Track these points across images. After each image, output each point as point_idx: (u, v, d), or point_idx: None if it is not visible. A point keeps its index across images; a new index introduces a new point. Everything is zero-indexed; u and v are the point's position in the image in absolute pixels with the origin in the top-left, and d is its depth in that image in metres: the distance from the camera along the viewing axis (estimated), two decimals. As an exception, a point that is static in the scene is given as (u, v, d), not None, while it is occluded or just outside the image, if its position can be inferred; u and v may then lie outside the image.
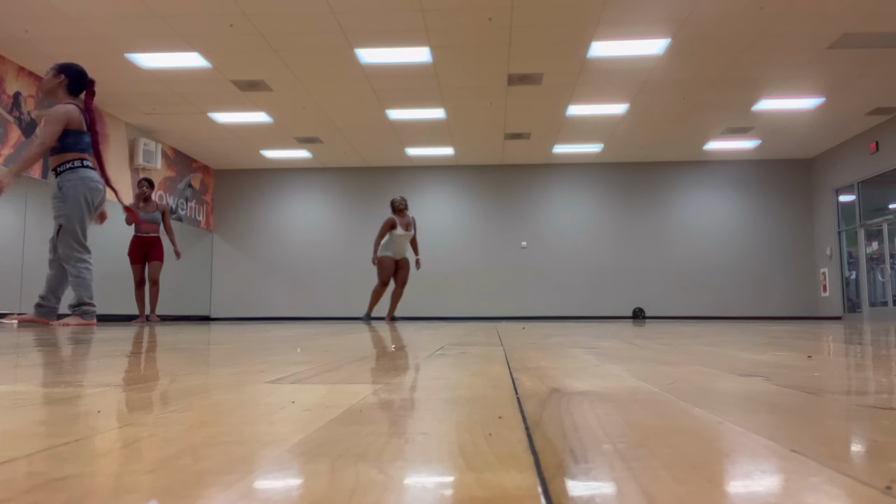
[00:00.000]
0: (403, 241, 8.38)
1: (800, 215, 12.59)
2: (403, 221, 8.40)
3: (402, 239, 8.35)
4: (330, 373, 1.11)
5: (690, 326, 4.95)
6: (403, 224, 8.37)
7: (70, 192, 4.63)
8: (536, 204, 12.82)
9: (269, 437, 0.54)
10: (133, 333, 3.29)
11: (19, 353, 1.69)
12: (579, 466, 0.43)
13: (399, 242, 8.35)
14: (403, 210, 8.40)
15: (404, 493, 0.37)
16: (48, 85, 4.73)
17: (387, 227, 8.28)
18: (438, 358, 1.47)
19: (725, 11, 6.74)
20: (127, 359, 1.46)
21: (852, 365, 1.26)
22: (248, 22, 6.91)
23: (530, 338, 2.64)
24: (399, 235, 8.30)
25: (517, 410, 0.68)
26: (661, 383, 0.93)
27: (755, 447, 0.49)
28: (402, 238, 8.34)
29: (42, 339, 2.56)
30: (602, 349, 1.80)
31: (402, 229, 8.32)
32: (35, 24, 6.96)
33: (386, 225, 8.27)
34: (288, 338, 2.73)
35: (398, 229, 8.29)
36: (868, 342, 2.25)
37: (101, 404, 0.73)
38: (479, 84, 8.69)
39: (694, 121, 10.31)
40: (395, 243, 8.31)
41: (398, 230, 8.29)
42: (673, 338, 2.61)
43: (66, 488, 0.37)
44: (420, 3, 6.56)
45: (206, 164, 12.90)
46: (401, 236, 8.31)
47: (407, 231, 8.37)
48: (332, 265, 12.91)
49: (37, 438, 0.53)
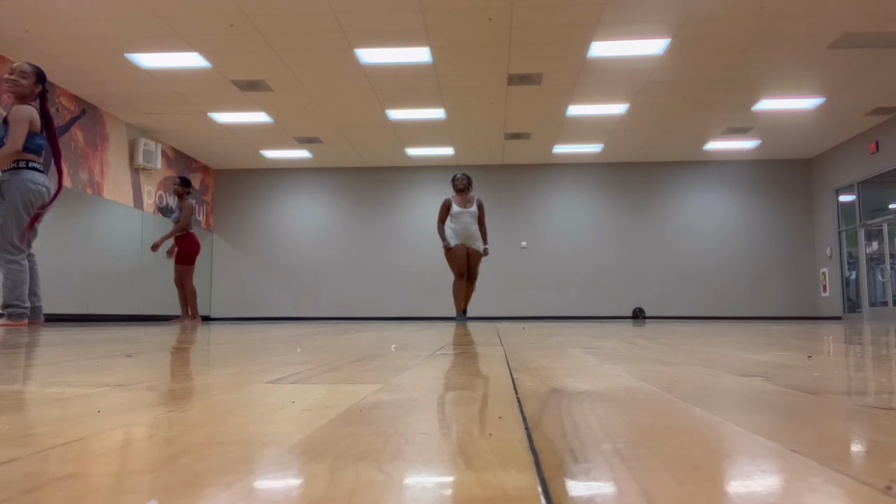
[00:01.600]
0: (468, 224, 7.31)
1: (800, 215, 12.59)
2: (462, 201, 7.39)
3: (465, 220, 7.30)
4: (330, 373, 1.11)
5: (690, 326, 4.95)
6: (462, 203, 7.39)
7: (9, 193, 4.63)
8: (536, 204, 12.82)
9: (269, 437, 0.54)
10: (132, 334, 3.29)
11: (19, 352, 1.69)
12: (579, 466, 0.43)
13: (463, 225, 7.30)
14: (463, 189, 7.40)
15: (404, 493, 0.37)
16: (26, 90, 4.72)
17: (444, 210, 7.36)
18: (438, 358, 1.47)
19: (725, 11, 6.74)
20: (127, 359, 1.46)
21: (852, 365, 1.26)
22: (248, 22, 6.91)
23: (530, 338, 2.64)
24: (459, 214, 7.28)
25: (517, 410, 0.68)
26: (661, 383, 0.93)
27: (755, 447, 0.49)
28: (464, 218, 7.29)
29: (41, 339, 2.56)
30: (602, 349, 1.80)
31: (459, 207, 7.34)
32: (35, 24, 6.96)
33: (443, 207, 7.37)
34: (288, 338, 2.73)
35: (455, 207, 7.33)
36: (868, 342, 2.25)
37: (101, 404, 0.73)
38: (479, 84, 8.69)
39: (694, 121, 10.31)
40: (458, 226, 7.30)
41: (455, 208, 7.31)
42: (673, 338, 2.61)
43: (66, 488, 0.37)
44: (420, 3, 6.56)
45: (206, 164, 12.90)
46: (461, 214, 7.28)
47: (466, 208, 7.35)
48: (332, 265, 12.91)
49: (37, 438, 0.53)
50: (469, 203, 7.38)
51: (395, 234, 12.89)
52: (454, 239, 7.31)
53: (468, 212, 7.31)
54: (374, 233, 12.90)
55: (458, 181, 7.40)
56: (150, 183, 10.97)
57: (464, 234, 7.30)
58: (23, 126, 4.57)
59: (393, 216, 12.93)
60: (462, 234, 7.30)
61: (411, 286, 12.72)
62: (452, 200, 7.39)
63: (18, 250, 4.66)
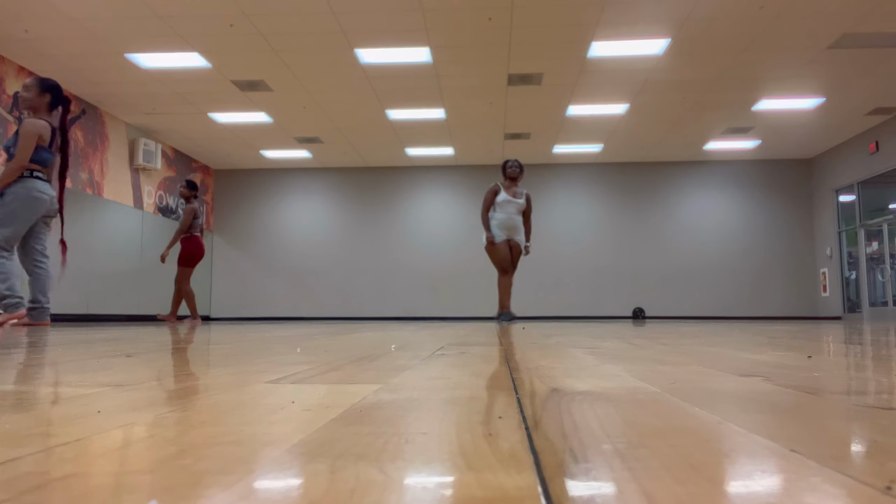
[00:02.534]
0: (513, 214, 6.84)
1: (800, 215, 12.59)
2: (511, 189, 6.91)
3: (510, 209, 6.82)
4: (330, 373, 1.11)
5: (690, 326, 4.94)
6: (510, 192, 6.89)
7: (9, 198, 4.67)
8: (536, 204, 12.82)
9: (269, 437, 0.54)
10: (132, 334, 3.29)
11: (19, 353, 1.69)
12: (579, 466, 0.43)
13: (508, 215, 6.83)
14: (514, 178, 6.88)
15: (404, 493, 0.37)
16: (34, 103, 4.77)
17: (490, 197, 6.85)
18: (438, 358, 1.47)
19: (725, 11, 6.74)
20: (127, 359, 1.46)
21: (852, 365, 1.26)
22: (248, 22, 6.91)
23: (530, 338, 2.64)
24: (505, 203, 6.79)
25: (517, 410, 0.68)
26: (661, 383, 0.93)
27: (755, 447, 0.49)
28: (510, 208, 6.82)
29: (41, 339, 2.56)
30: (602, 349, 1.80)
31: (506, 195, 6.84)
32: (35, 24, 6.96)
33: (489, 193, 6.85)
34: (288, 338, 2.73)
35: (502, 194, 6.83)
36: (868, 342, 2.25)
37: (101, 404, 0.73)
38: (479, 84, 8.69)
39: (694, 121, 10.31)
40: (503, 215, 6.82)
41: (503, 195, 6.82)
42: (673, 338, 2.61)
43: (66, 488, 0.37)
44: (420, 3, 6.56)
45: (206, 164, 12.90)
46: (507, 204, 6.79)
47: (514, 198, 6.86)
48: (332, 265, 12.91)
49: (37, 438, 0.53)
50: (518, 195, 6.92)
51: (395, 234, 12.89)
52: (497, 230, 6.86)
53: (515, 202, 6.83)
54: (374, 233, 12.90)
55: (510, 168, 6.88)
56: (150, 183, 10.97)
57: (508, 224, 6.84)
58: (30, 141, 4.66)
59: (393, 216, 12.93)
60: (506, 225, 6.84)
61: (411, 286, 12.72)
62: (501, 187, 6.89)
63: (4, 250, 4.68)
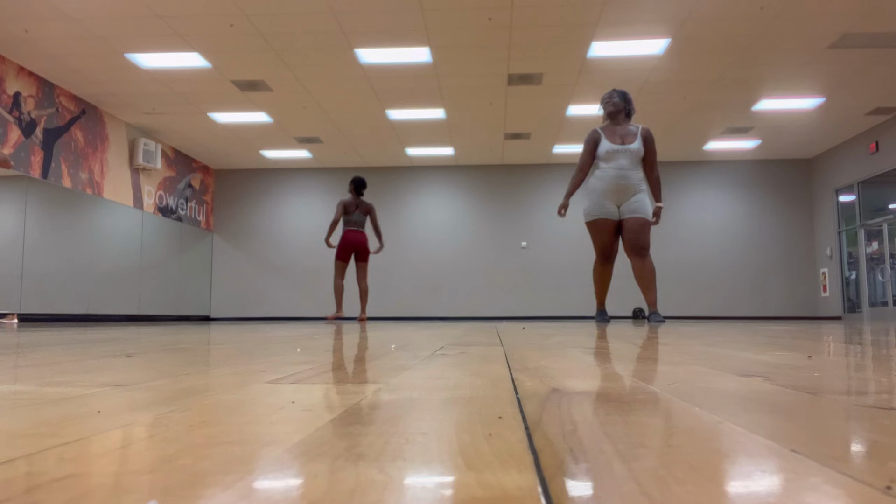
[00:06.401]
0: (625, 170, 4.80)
1: (800, 215, 12.59)
2: (619, 132, 4.89)
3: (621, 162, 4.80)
4: (330, 373, 1.11)
5: (690, 326, 4.94)
6: (618, 137, 4.86)
7: None
8: (536, 204, 12.82)
9: (269, 437, 0.54)
10: (132, 334, 3.29)
11: (19, 353, 1.69)
12: (579, 466, 0.43)
13: (617, 172, 4.80)
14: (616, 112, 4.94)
15: (404, 493, 0.37)
16: None
17: (590, 147, 4.90)
18: (438, 358, 1.46)
19: (725, 11, 6.74)
20: (127, 359, 1.46)
21: (852, 365, 1.26)
22: (248, 22, 6.91)
23: (530, 338, 2.64)
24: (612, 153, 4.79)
25: (517, 410, 0.68)
26: (661, 383, 0.93)
27: (755, 447, 0.49)
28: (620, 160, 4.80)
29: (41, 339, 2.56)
30: (602, 349, 1.80)
31: (611, 143, 4.82)
32: (35, 24, 6.96)
33: (588, 143, 4.91)
34: (288, 338, 2.73)
35: (605, 142, 4.85)
36: (868, 342, 2.25)
37: (101, 404, 0.73)
38: (479, 84, 8.69)
39: (694, 121, 10.31)
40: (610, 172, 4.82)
41: (605, 144, 4.84)
42: (673, 338, 2.61)
43: (66, 488, 0.37)
44: (420, 3, 6.56)
45: (206, 164, 12.90)
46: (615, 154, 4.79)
47: (625, 145, 4.81)
48: (331, 265, 12.91)
49: (37, 438, 0.53)
50: (630, 137, 4.86)
51: (395, 234, 12.88)
52: (598, 197, 4.86)
53: (627, 150, 4.79)
54: (373, 232, 12.90)
55: (607, 101, 4.99)
56: (150, 183, 10.97)
57: (616, 186, 4.81)
58: None
59: (393, 216, 12.93)
60: (613, 188, 4.82)
61: (411, 286, 12.72)
62: (601, 134, 4.94)
63: None
